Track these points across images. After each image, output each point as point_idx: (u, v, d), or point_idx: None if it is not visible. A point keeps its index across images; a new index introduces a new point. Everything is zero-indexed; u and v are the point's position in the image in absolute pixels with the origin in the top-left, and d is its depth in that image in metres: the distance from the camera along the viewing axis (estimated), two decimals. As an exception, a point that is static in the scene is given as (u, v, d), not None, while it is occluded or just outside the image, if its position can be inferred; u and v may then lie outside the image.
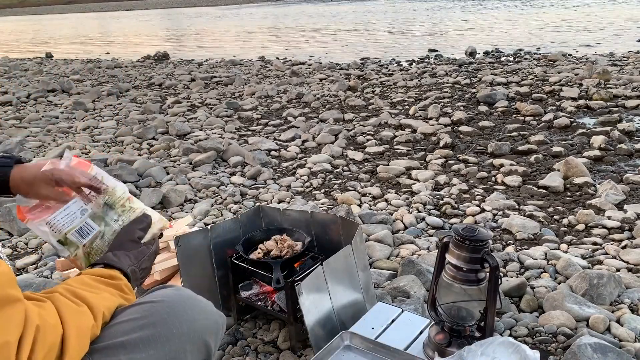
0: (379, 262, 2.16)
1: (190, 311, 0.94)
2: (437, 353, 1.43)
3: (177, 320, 0.91)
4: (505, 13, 20.76)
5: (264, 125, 4.91)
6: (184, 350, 0.91)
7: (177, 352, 0.90)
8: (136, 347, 0.85)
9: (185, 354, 0.92)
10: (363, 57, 9.63)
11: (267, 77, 7.88)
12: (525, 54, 8.92)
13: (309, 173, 3.45)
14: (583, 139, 3.87)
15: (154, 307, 0.91)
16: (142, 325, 0.88)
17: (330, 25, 20.38)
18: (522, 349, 1.24)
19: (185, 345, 0.91)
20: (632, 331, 1.64)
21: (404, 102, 5.54)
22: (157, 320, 0.89)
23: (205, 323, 0.96)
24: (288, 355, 1.62)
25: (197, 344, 0.93)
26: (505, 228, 2.50)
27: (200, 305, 0.98)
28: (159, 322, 0.89)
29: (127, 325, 0.87)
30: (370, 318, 1.63)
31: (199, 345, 0.94)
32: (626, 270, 2.05)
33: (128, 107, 6.02)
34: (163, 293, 0.96)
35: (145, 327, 0.87)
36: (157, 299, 0.93)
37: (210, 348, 0.97)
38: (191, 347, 0.92)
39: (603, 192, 2.80)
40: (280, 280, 1.58)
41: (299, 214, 1.89)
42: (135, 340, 0.85)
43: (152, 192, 2.95)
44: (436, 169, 3.43)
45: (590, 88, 5.35)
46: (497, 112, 4.87)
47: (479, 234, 1.37)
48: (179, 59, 11.18)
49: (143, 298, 0.95)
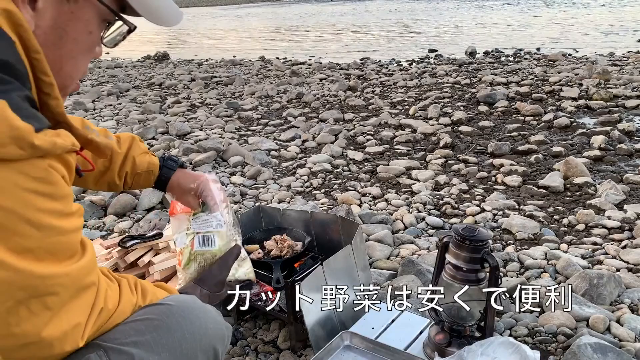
0: (379, 262, 2.16)
1: (203, 318, 0.96)
2: (437, 353, 1.44)
3: (190, 325, 0.92)
4: (505, 13, 20.76)
5: (264, 125, 4.91)
6: (195, 355, 0.92)
7: (189, 356, 0.91)
8: (149, 348, 0.85)
9: (197, 359, 0.93)
10: (363, 57, 9.63)
11: (267, 77, 7.88)
12: (525, 54, 8.92)
13: (309, 173, 3.45)
14: (583, 139, 3.87)
15: (170, 310, 0.92)
16: (156, 326, 0.88)
17: (330, 25, 20.38)
18: (522, 349, 1.24)
19: (197, 351, 0.92)
20: (632, 331, 1.64)
21: (404, 102, 5.54)
22: (172, 324, 0.90)
23: (216, 331, 0.98)
24: (288, 355, 1.62)
25: (207, 351, 0.95)
26: (505, 228, 2.50)
27: (211, 314, 1.00)
28: (173, 326, 0.90)
29: (142, 324, 0.88)
30: (370, 318, 1.63)
31: (208, 353, 0.95)
32: (626, 270, 2.05)
33: (128, 107, 6.02)
34: (177, 298, 0.98)
35: (159, 329, 0.88)
36: (171, 302, 0.95)
37: (219, 356, 0.99)
38: (202, 353, 0.93)
39: (603, 192, 2.80)
40: (280, 280, 1.58)
41: (299, 214, 1.89)
42: (148, 341, 0.86)
43: (152, 192, 2.95)
44: (436, 169, 3.43)
45: (590, 88, 5.35)
46: (497, 112, 4.87)
47: (479, 234, 1.37)
48: (179, 59, 11.18)
49: (157, 301, 0.96)
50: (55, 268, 0.71)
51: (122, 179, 1.32)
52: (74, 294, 0.75)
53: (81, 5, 0.79)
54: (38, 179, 0.69)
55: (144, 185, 1.37)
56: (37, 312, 0.70)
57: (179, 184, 1.35)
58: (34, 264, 0.69)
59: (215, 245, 1.26)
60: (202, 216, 1.30)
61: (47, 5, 0.75)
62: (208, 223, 1.29)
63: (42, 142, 0.68)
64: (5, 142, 0.64)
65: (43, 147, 0.68)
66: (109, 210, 2.87)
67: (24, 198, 0.67)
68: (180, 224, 1.32)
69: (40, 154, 0.69)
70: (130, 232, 2.55)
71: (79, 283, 0.76)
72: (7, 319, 0.68)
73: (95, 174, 1.30)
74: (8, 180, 0.66)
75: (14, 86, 0.68)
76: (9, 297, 0.67)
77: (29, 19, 0.73)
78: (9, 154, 0.65)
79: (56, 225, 0.71)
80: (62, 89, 0.80)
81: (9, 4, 0.69)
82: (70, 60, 0.82)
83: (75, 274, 0.75)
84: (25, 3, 0.73)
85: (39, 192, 0.69)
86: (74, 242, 0.76)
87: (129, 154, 1.32)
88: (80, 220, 0.78)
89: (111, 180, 1.32)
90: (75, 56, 0.83)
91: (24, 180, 0.67)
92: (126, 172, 1.32)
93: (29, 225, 0.68)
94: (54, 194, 0.71)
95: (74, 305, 0.75)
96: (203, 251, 1.26)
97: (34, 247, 0.69)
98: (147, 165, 1.33)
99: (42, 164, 0.69)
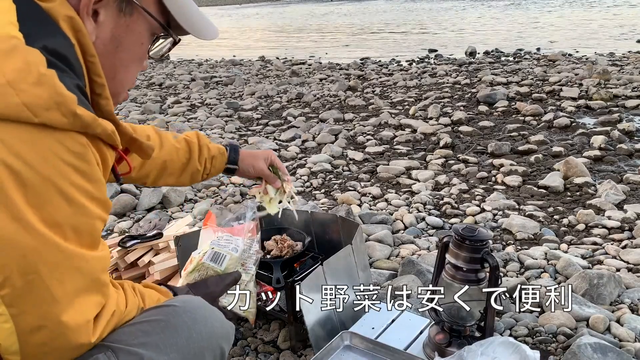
0: (379, 262, 2.16)
1: (209, 318, 0.97)
2: (437, 353, 1.44)
3: (197, 325, 0.92)
4: (505, 13, 20.76)
5: (264, 125, 4.91)
6: (202, 355, 0.93)
7: (197, 356, 0.91)
8: (158, 349, 0.86)
9: (204, 359, 0.94)
10: (363, 57, 9.62)
11: (267, 77, 7.88)
12: (525, 54, 8.91)
13: (309, 173, 3.45)
14: (583, 138, 3.87)
15: (176, 311, 0.93)
16: (164, 327, 0.89)
17: (330, 25, 20.39)
18: (522, 349, 1.24)
19: (204, 351, 0.93)
20: (632, 331, 1.64)
21: (404, 102, 5.54)
22: (179, 324, 0.91)
23: (221, 331, 0.99)
24: (288, 355, 1.62)
25: (214, 350, 0.96)
26: (505, 228, 2.50)
27: (216, 314, 1.01)
28: (181, 326, 0.90)
29: (149, 326, 0.88)
30: (370, 318, 1.63)
31: (215, 351, 0.96)
32: (626, 270, 2.05)
33: (128, 107, 6.01)
34: (183, 299, 1.00)
35: (166, 330, 0.89)
36: (177, 303, 0.96)
37: (225, 355, 1.00)
38: (209, 352, 0.94)
39: (603, 192, 2.80)
40: (280, 280, 1.58)
41: (299, 214, 1.89)
42: (157, 342, 0.86)
43: (152, 192, 2.95)
44: (436, 169, 3.43)
45: (590, 88, 5.35)
46: (497, 112, 4.87)
47: (479, 234, 1.37)
48: (179, 59, 11.17)
49: (163, 302, 0.97)
50: (78, 250, 0.73)
51: (203, 164, 1.47)
52: (90, 285, 0.76)
53: (135, 18, 0.86)
54: (76, 153, 0.71)
55: (218, 169, 1.51)
56: (56, 293, 0.71)
57: (250, 153, 1.54)
58: (61, 240, 0.71)
59: (223, 265, 1.28)
60: (225, 236, 1.34)
61: (107, 19, 0.83)
62: (227, 243, 1.33)
63: (84, 112, 0.71)
64: (50, 106, 0.67)
65: (84, 117, 0.71)
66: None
67: (61, 169, 0.70)
68: (208, 236, 1.38)
69: (81, 127, 0.71)
70: (130, 232, 2.55)
71: (95, 275, 0.77)
72: (27, 295, 0.69)
73: (179, 166, 1.42)
74: (49, 148, 0.69)
75: (67, 74, 0.72)
76: (32, 269, 0.68)
77: (92, 30, 0.81)
78: (52, 119, 0.68)
79: (86, 205, 0.74)
80: (114, 96, 0.87)
81: (72, 12, 0.76)
82: (123, 69, 0.90)
83: (94, 264, 0.76)
84: (89, 15, 0.80)
85: (75, 166, 0.71)
86: (98, 230, 0.78)
87: (202, 142, 1.47)
88: (106, 214, 0.79)
89: (194, 169, 1.45)
90: (127, 65, 0.91)
91: (63, 152, 0.70)
92: (205, 159, 1.47)
93: (62, 197, 0.70)
94: (88, 174, 0.73)
95: (88, 299, 0.76)
96: (209, 266, 1.27)
97: (63, 222, 0.71)
98: (217, 149, 1.50)
99: (82, 139, 0.72)
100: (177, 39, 0.95)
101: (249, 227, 1.38)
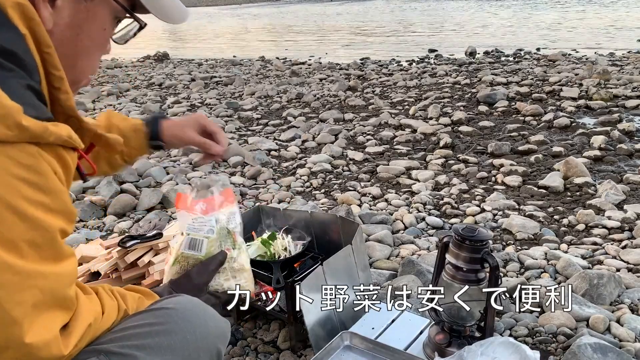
0: (379, 262, 2.16)
1: (203, 318, 0.96)
2: (437, 353, 1.44)
3: (191, 327, 0.91)
4: (505, 13, 20.76)
5: (264, 125, 4.91)
6: (198, 356, 0.92)
7: (192, 357, 0.91)
8: (152, 351, 0.85)
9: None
10: (363, 57, 9.62)
11: (267, 77, 7.87)
12: (525, 54, 8.91)
13: (309, 173, 3.45)
14: (583, 139, 3.87)
15: (169, 314, 0.91)
16: (158, 331, 0.88)
17: (330, 25, 20.38)
18: (522, 349, 1.24)
19: (200, 352, 0.92)
20: (632, 331, 1.64)
21: (404, 102, 5.54)
22: (173, 327, 0.89)
23: (216, 330, 0.98)
24: (288, 355, 1.62)
25: (210, 351, 0.95)
26: (505, 228, 2.50)
27: (210, 313, 0.99)
28: (175, 329, 0.89)
29: (142, 329, 0.87)
30: (370, 318, 1.63)
31: (211, 352, 0.95)
32: (626, 270, 2.06)
33: (128, 107, 6.01)
34: (175, 300, 0.98)
35: (161, 333, 0.88)
36: (170, 305, 0.94)
37: (221, 354, 0.99)
38: (204, 353, 0.93)
39: (603, 192, 2.80)
40: (280, 280, 1.58)
41: (299, 214, 1.89)
42: (151, 345, 0.86)
43: (152, 192, 2.95)
44: (436, 169, 3.43)
45: (590, 88, 5.35)
46: (497, 112, 4.86)
47: (479, 234, 1.37)
48: (179, 59, 11.17)
49: (155, 304, 0.96)
50: (37, 267, 0.69)
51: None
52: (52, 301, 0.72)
53: (96, 3, 0.82)
54: (26, 166, 0.66)
55: (139, 148, 1.28)
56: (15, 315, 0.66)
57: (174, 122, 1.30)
58: (16, 258, 0.66)
59: (202, 251, 1.20)
60: (199, 218, 1.23)
61: (65, 4, 0.78)
62: (202, 226, 1.22)
63: (31, 123, 0.65)
64: None
65: (32, 129, 0.66)
66: (109, 210, 2.86)
67: (10, 184, 0.65)
68: (184, 220, 1.25)
69: (30, 137, 0.66)
70: (130, 232, 2.55)
71: (57, 291, 0.73)
72: None
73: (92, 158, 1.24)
74: None
75: (14, 74, 0.67)
76: None
77: (48, 17, 0.76)
78: None
79: (41, 218, 0.68)
80: (75, 84, 0.83)
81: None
82: (84, 55, 0.85)
83: (54, 280, 0.72)
84: (45, 2, 0.75)
85: (26, 180, 0.66)
86: (59, 242, 0.73)
87: (112, 122, 1.24)
88: (68, 224, 0.74)
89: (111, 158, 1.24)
90: (89, 52, 0.86)
91: (12, 165, 0.65)
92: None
93: (14, 214, 0.65)
94: (41, 185, 0.68)
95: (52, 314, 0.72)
96: (189, 255, 1.20)
97: (17, 239, 0.66)
98: (131, 127, 1.26)
99: (32, 150, 0.67)
100: (144, 24, 0.90)
101: (219, 201, 1.27)
